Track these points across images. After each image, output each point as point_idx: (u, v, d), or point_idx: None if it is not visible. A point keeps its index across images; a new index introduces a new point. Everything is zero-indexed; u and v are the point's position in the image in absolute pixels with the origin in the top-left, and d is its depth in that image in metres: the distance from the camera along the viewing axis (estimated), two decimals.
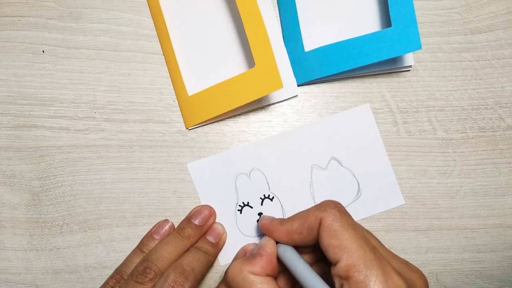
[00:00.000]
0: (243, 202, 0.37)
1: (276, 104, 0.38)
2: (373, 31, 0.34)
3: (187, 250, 0.34)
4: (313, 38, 0.37)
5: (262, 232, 0.33)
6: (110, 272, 0.37)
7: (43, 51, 0.38)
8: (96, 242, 0.37)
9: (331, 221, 0.27)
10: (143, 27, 0.38)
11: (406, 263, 0.28)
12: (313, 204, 0.36)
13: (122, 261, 0.35)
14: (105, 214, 0.37)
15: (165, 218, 0.37)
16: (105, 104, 0.38)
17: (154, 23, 0.38)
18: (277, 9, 0.38)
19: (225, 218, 0.37)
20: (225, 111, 0.35)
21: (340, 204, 0.29)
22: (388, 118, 0.37)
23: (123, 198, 0.37)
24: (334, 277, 0.26)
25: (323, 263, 0.31)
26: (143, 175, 0.37)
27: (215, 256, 0.35)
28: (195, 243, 0.35)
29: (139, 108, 0.38)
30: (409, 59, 0.36)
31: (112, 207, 0.37)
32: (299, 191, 0.37)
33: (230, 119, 0.38)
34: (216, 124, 0.38)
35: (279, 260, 0.30)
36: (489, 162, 0.37)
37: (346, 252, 0.26)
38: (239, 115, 0.37)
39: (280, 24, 0.38)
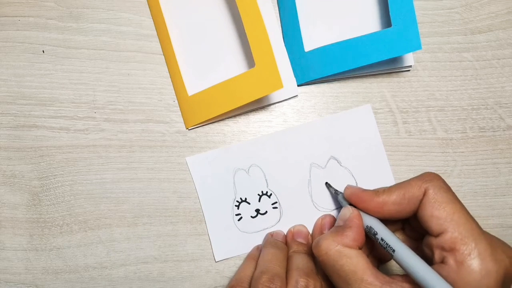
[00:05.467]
0: (240, 198, 0.37)
1: (276, 104, 0.38)
2: (373, 31, 0.34)
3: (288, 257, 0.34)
4: (313, 38, 0.37)
5: (349, 201, 0.32)
6: (110, 272, 0.37)
7: (43, 51, 0.38)
8: (96, 242, 0.37)
9: (438, 191, 0.27)
10: (143, 27, 0.38)
11: (503, 241, 0.27)
12: (310, 203, 0.36)
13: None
14: (105, 214, 0.37)
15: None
16: (105, 104, 0.38)
17: (154, 23, 0.38)
18: (277, 9, 0.38)
19: (222, 213, 0.37)
20: (225, 111, 0.35)
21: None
22: (388, 118, 0.37)
23: (123, 198, 0.37)
24: (435, 248, 0.26)
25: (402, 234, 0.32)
26: (143, 175, 0.37)
27: (310, 253, 0.35)
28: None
29: (139, 108, 0.38)
30: (409, 59, 0.36)
31: (112, 207, 0.37)
32: (297, 189, 0.37)
33: (230, 119, 0.38)
34: (216, 124, 0.38)
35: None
36: (489, 162, 0.37)
37: (452, 224, 0.25)
38: (239, 115, 0.37)
39: (280, 24, 0.38)
